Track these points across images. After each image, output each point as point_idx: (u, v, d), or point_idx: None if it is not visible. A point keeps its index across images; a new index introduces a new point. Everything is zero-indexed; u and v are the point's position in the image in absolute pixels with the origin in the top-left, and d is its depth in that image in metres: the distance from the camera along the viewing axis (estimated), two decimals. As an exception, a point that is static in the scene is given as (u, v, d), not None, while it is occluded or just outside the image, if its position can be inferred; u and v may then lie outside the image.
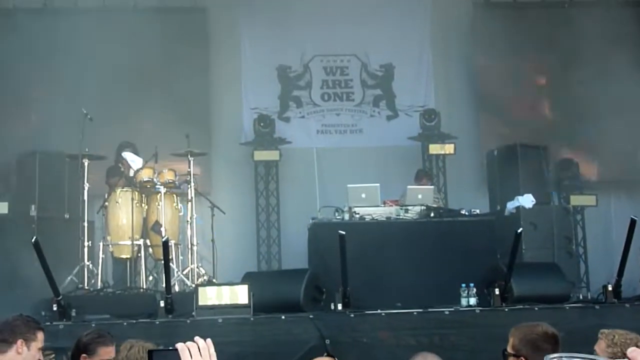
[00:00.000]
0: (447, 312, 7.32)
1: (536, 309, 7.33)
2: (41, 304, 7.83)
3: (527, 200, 10.09)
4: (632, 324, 7.10)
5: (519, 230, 7.50)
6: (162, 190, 9.54)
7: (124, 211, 9.43)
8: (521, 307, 7.40)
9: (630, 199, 12.38)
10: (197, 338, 2.94)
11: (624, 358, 2.78)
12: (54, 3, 12.17)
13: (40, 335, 4.77)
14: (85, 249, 9.29)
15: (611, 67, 11.81)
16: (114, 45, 11.69)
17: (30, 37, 11.53)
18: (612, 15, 12.33)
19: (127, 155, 9.80)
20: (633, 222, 7.47)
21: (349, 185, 9.49)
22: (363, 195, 9.36)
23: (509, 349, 4.42)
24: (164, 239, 7.80)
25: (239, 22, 12.66)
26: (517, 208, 10.10)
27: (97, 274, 9.21)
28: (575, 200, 11.84)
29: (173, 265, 9.28)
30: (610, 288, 7.53)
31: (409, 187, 9.69)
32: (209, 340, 2.95)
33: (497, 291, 7.43)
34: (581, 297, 10.07)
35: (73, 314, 7.34)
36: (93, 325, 7.15)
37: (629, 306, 7.46)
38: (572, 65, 12.45)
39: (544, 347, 4.28)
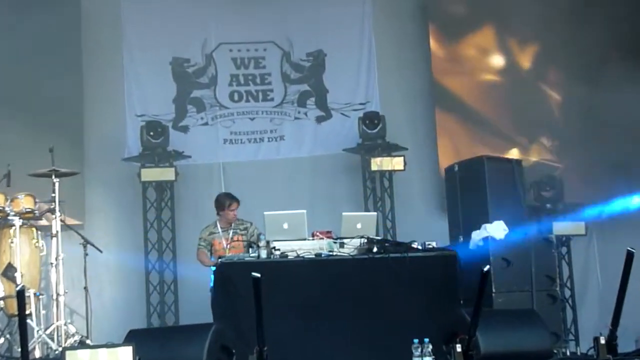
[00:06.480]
0: (395, 378, 7.35)
1: (510, 370, 7.42)
2: None
3: (497, 230, 10.19)
4: (630, 387, 7.31)
5: (485, 269, 7.57)
6: (17, 222, 9.41)
7: (-34, 251, 9.31)
8: (491, 368, 7.48)
9: (612, 227, 12.60)
10: None
11: None
12: None
13: None
14: None
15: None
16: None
17: None
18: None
19: None
20: (630, 256, 7.60)
21: (266, 213, 9.48)
22: (285, 226, 9.34)
23: None
24: (18, 288, 7.67)
25: (119, 4, 12.62)
26: (486, 239, 10.21)
27: None
28: (559, 228, 12.03)
29: (32, 323, 9.17)
30: (603, 340, 7.65)
31: (344, 214, 9.73)
32: None
33: (459, 348, 7.49)
34: (568, 352, 10.24)
35: None
36: None
37: (626, 364, 7.61)
38: (557, 54, 12.75)
39: None
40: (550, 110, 13.03)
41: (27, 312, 9.35)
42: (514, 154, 12.58)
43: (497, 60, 13.16)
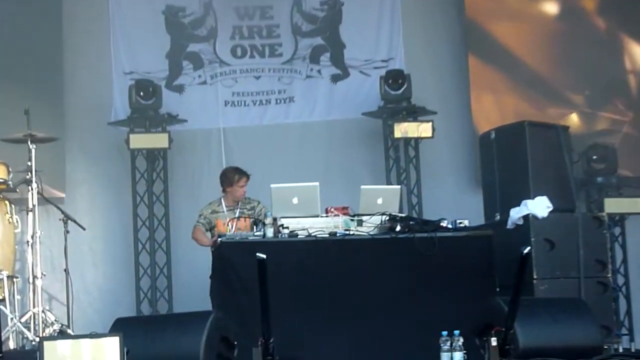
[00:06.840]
0: (421, 376, 7.40)
1: (552, 367, 7.45)
2: None
3: (540, 206, 10.18)
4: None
5: (525, 251, 7.59)
6: (-12, 195, 9.49)
7: None
8: (530, 364, 7.51)
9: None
10: None
11: None
12: None
13: None
14: None
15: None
16: None
17: None
18: None
19: None
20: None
21: (273, 186, 9.51)
22: (295, 200, 9.38)
23: None
24: (-10, 270, 7.77)
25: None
26: (526, 217, 10.22)
27: None
28: (612, 205, 12.02)
29: (6, 309, 9.23)
30: (660, 335, 7.69)
31: (363, 187, 9.75)
32: None
33: (494, 342, 7.52)
34: (621, 349, 10.26)
35: None
36: None
37: (687, 361, 7.64)
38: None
39: None
40: (622, 68, 12.95)
41: (0, 297, 9.44)
42: (573, 120, 12.50)
43: (554, 5, 13.06)
